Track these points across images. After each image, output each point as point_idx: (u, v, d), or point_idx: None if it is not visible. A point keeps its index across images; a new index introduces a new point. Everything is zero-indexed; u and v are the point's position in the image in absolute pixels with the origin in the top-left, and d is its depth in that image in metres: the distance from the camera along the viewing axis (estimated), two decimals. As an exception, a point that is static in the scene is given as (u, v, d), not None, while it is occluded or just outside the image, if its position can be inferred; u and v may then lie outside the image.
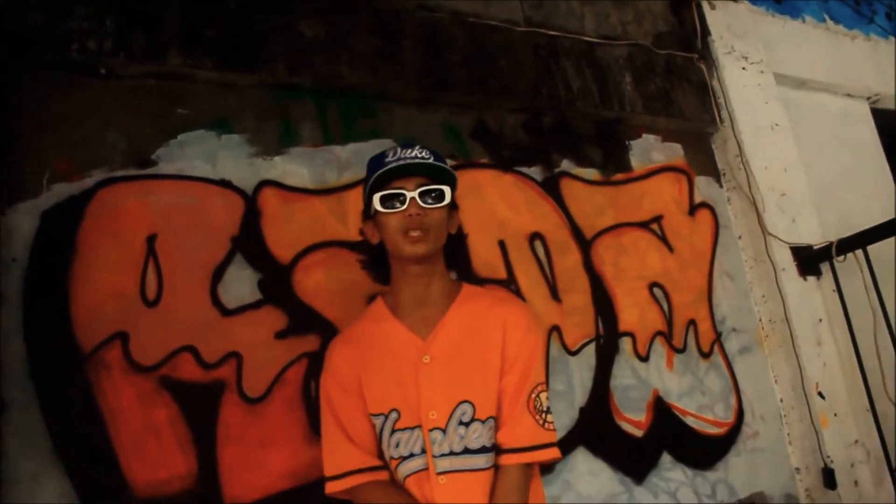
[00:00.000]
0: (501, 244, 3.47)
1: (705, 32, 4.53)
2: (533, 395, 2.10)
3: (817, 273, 4.28)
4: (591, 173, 3.92)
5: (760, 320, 4.28)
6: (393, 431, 2.08)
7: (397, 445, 2.07)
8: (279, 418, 2.74)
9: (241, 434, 2.66)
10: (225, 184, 2.91)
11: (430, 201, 2.05)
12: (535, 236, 3.59)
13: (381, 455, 2.15)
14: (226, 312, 2.78)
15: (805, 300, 4.20)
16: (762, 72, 4.64)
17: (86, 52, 2.75)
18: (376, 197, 2.05)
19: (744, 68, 4.56)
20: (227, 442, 2.63)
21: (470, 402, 2.05)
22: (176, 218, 2.79)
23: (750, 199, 4.26)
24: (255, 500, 2.64)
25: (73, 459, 2.42)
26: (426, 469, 2.04)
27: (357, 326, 2.28)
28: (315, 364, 2.77)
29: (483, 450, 2.04)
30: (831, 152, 4.95)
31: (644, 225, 4.01)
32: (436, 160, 2.09)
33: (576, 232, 3.73)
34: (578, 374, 3.51)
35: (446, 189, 2.08)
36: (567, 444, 3.35)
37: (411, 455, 2.05)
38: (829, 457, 3.95)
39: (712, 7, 4.62)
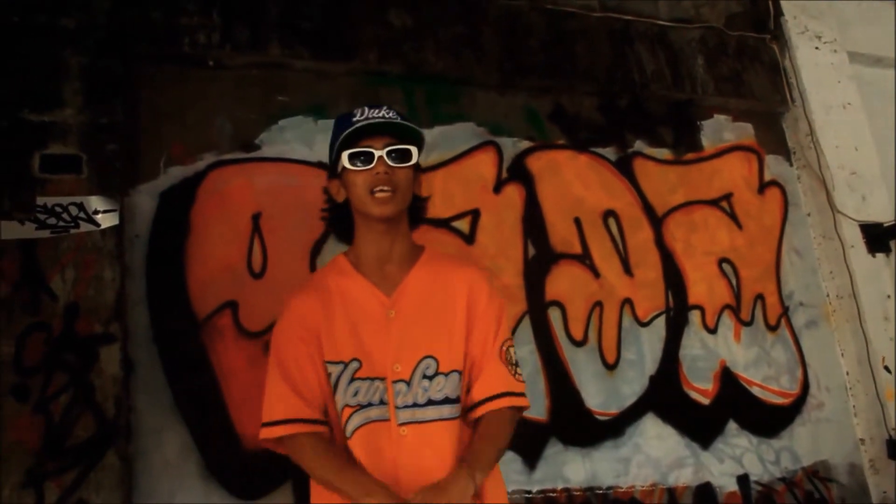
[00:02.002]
0: (577, 221, 3.67)
1: (778, 13, 4.57)
2: (504, 348, 2.12)
3: (886, 250, 4.33)
4: (664, 153, 4.06)
5: (828, 296, 4.34)
6: (352, 380, 2.03)
7: (356, 394, 2.02)
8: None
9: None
10: (322, 165, 3.10)
11: (397, 160, 2.03)
12: (608, 213, 3.77)
13: (325, 412, 2.07)
14: (324, 284, 3.03)
15: (873, 276, 4.26)
16: (835, 51, 4.67)
17: (196, 46, 3.05)
18: (345, 154, 2.03)
19: (817, 48, 4.60)
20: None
21: (434, 357, 2.05)
22: (278, 197, 3.06)
23: (819, 177, 4.33)
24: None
25: (192, 414, 2.74)
26: (385, 420, 2.00)
27: (320, 279, 2.24)
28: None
29: (447, 400, 2.04)
30: (906, 129, 4.94)
31: (714, 203, 4.13)
32: (402, 121, 2.09)
33: (648, 209, 3.89)
34: (649, 344, 3.69)
35: (413, 149, 2.07)
36: (637, 410, 3.56)
37: (370, 404, 2.01)
38: (894, 429, 4.02)
39: (786, -13, 4.67)
